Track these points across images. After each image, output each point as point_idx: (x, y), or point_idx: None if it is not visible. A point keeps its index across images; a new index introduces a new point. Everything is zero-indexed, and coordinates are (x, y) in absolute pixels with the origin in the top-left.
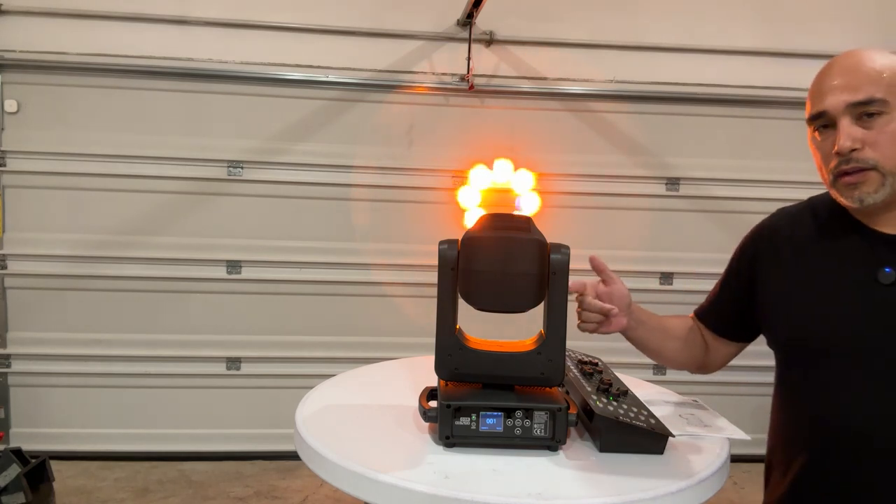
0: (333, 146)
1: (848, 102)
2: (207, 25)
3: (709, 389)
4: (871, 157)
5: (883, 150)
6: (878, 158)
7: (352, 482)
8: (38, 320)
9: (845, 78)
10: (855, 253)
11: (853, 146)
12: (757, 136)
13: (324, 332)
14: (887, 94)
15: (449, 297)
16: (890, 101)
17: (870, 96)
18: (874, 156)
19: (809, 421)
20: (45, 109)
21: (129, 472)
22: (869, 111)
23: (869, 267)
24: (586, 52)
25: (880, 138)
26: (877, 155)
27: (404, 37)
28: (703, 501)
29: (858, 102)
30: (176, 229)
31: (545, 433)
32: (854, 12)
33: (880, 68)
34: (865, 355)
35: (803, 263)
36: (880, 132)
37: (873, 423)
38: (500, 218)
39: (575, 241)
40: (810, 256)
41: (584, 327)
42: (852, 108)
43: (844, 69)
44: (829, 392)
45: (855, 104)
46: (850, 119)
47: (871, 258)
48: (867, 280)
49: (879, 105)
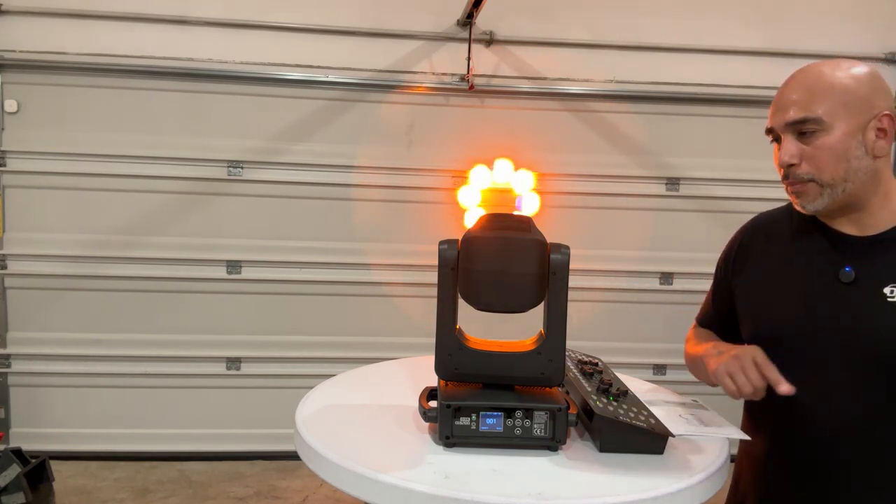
0: (333, 146)
1: (786, 121)
2: (207, 25)
3: (709, 389)
4: (806, 171)
5: (818, 164)
6: (814, 172)
7: (352, 482)
8: (38, 320)
9: (791, 96)
10: (820, 252)
11: (790, 162)
12: (757, 136)
13: (324, 332)
14: (823, 113)
15: (449, 297)
16: (825, 120)
17: (804, 116)
18: (809, 170)
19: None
20: (45, 109)
21: (129, 472)
22: (804, 129)
23: (831, 266)
24: (586, 52)
25: (816, 153)
26: (812, 169)
27: (404, 37)
28: (703, 501)
29: (795, 121)
30: (176, 229)
31: (545, 433)
32: (854, 12)
33: (822, 87)
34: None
35: (774, 261)
36: (816, 148)
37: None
38: (500, 218)
39: (575, 241)
40: (781, 255)
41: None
42: (791, 126)
43: (792, 87)
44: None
45: (792, 123)
46: (792, 135)
47: (834, 258)
48: (829, 278)
49: (814, 124)
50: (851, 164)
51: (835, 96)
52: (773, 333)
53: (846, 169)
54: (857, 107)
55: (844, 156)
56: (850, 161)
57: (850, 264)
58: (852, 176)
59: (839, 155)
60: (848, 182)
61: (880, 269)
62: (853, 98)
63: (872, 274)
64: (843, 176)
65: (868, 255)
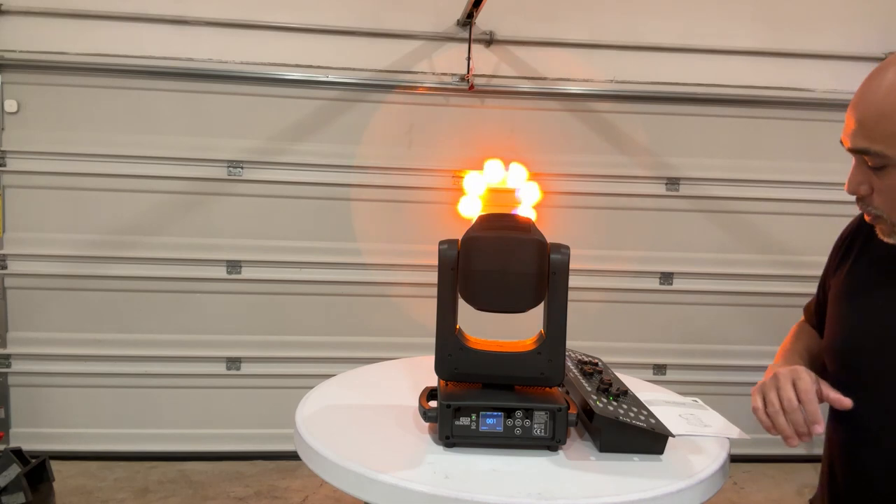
0: (333, 146)
1: (848, 148)
2: (207, 25)
3: (709, 389)
4: (877, 206)
5: (889, 203)
6: (883, 209)
7: (352, 482)
8: (38, 320)
9: (856, 114)
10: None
11: (856, 192)
12: (757, 136)
13: (324, 332)
14: (889, 147)
15: (449, 297)
16: (891, 155)
17: (866, 147)
18: (879, 204)
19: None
20: (45, 109)
21: (129, 472)
22: (870, 163)
23: None
24: (586, 52)
25: (886, 191)
26: (883, 205)
27: (404, 37)
28: (703, 501)
29: (855, 150)
30: (176, 229)
31: (545, 433)
32: (854, 12)
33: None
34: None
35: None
36: (882, 183)
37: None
38: (500, 218)
39: (575, 241)
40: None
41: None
42: (854, 153)
43: (861, 101)
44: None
45: (852, 150)
46: (861, 162)
47: None
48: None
49: (877, 159)
50: None
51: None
52: (839, 351)
53: None
54: None
55: None
56: None
57: None
58: None
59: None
60: None
61: None
62: None
63: None
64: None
65: None
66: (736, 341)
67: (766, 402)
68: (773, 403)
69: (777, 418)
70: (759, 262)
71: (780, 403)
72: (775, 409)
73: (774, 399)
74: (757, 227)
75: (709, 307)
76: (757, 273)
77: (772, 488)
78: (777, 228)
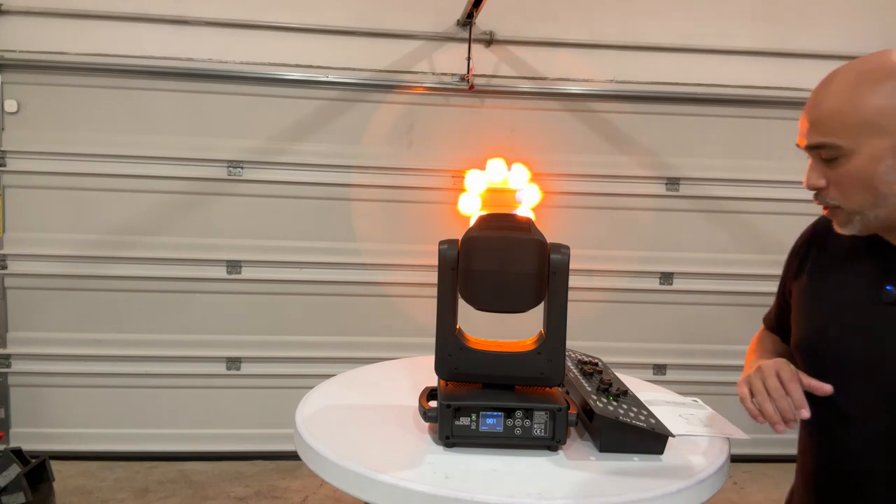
0: (333, 146)
1: (805, 145)
2: (207, 25)
3: (709, 389)
4: (833, 197)
5: (843, 192)
6: (840, 200)
7: (352, 482)
8: (38, 320)
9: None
10: (867, 267)
11: (815, 186)
12: (757, 136)
13: (324, 332)
14: (842, 138)
15: (449, 297)
16: (844, 146)
17: (821, 140)
18: (836, 196)
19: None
20: (45, 109)
21: (129, 472)
22: (824, 156)
23: (877, 283)
24: (586, 52)
25: (838, 181)
26: (838, 196)
27: (404, 37)
28: (703, 501)
29: (812, 146)
30: (176, 229)
31: (545, 433)
32: (854, 12)
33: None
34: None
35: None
36: (838, 175)
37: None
38: (500, 218)
39: (575, 241)
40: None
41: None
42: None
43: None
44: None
45: (809, 147)
46: (816, 158)
47: (881, 275)
48: (871, 296)
49: (832, 150)
50: (880, 189)
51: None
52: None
53: (875, 195)
54: (885, 125)
55: (871, 181)
56: (879, 187)
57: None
58: (883, 201)
59: (864, 182)
60: (879, 207)
61: None
62: (880, 114)
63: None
64: (871, 203)
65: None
66: (736, 341)
67: (754, 391)
68: (761, 392)
69: (765, 405)
70: (758, 262)
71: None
72: (763, 396)
73: (761, 387)
74: (757, 227)
75: (709, 307)
76: (757, 273)
77: (772, 488)
78: (777, 228)
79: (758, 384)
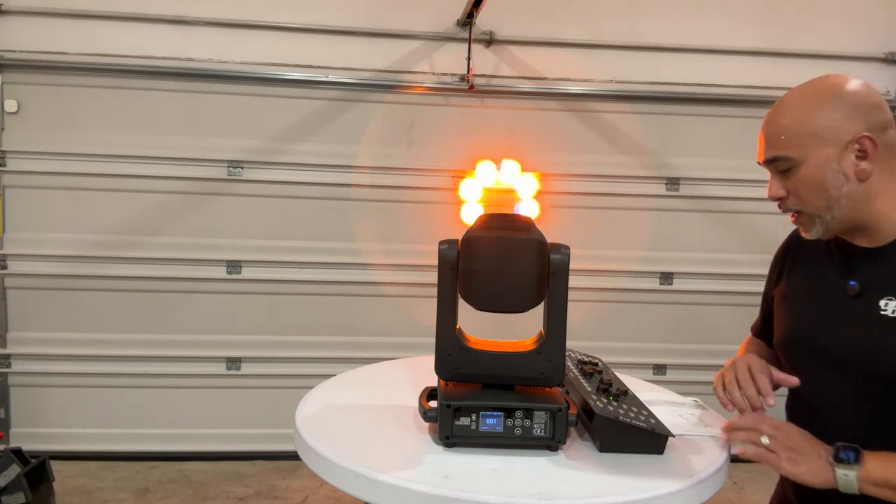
0: (333, 146)
1: (762, 161)
2: (207, 25)
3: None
4: (793, 203)
5: (801, 197)
6: (801, 205)
7: (352, 482)
8: (38, 320)
9: (764, 133)
10: (834, 266)
11: (776, 196)
12: (757, 137)
13: (324, 332)
14: (791, 150)
15: (449, 297)
16: (793, 157)
17: (773, 154)
18: (796, 203)
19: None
20: (45, 109)
21: (129, 472)
22: (779, 168)
23: (842, 279)
24: (586, 52)
25: (794, 188)
26: (798, 202)
27: (404, 37)
28: (703, 501)
29: (768, 160)
30: (176, 229)
31: (545, 433)
32: (854, 12)
33: (789, 123)
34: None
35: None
36: (794, 183)
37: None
38: (500, 218)
39: (575, 241)
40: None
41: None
42: (768, 165)
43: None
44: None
45: (766, 161)
46: (773, 171)
47: (844, 271)
48: (839, 292)
49: (785, 162)
50: (830, 192)
51: (801, 129)
52: (786, 342)
53: (827, 198)
54: (826, 136)
55: (822, 186)
56: (829, 190)
57: (856, 277)
58: (836, 203)
59: (816, 187)
60: (833, 209)
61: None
62: (821, 128)
63: (874, 286)
64: (825, 205)
65: (873, 267)
66: (736, 341)
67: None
68: (731, 382)
69: (733, 393)
70: (758, 262)
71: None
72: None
73: (731, 378)
74: (757, 227)
75: (709, 307)
76: (757, 273)
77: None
78: (777, 228)
79: (729, 375)
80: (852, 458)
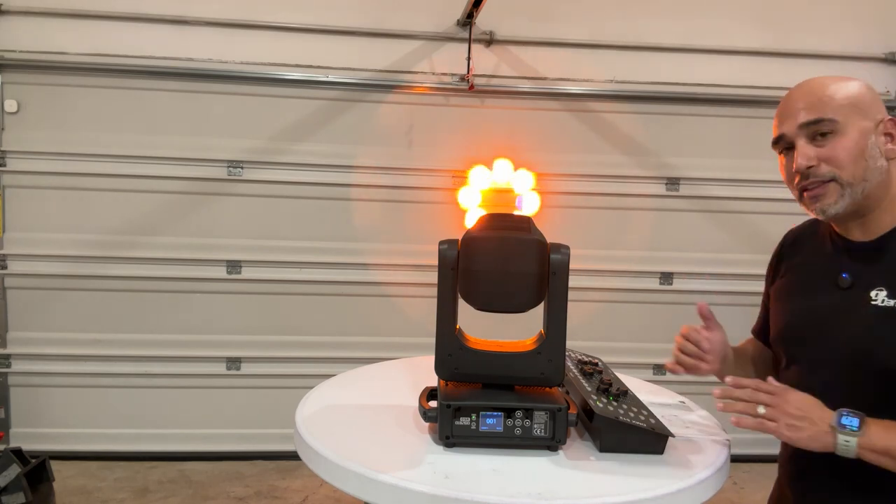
0: (333, 146)
1: (800, 123)
2: (207, 25)
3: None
4: (827, 171)
5: (838, 163)
6: (836, 171)
7: (352, 482)
8: (38, 320)
9: (798, 103)
10: (827, 260)
11: (808, 164)
12: (757, 136)
13: (324, 332)
14: (836, 114)
15: (449, 297)
16: (839, 120)
17: (819, 116)
18: (830, 170)
19: None
20: (45, 109)
21: (129, 472)
22: (821, 130)
23: (834, 272)
24: (586, 52)
25: (833, 154)
26: (833, 169)
27: (404, 37)
28: (703, 501)
29: (809, 122)
30: (176, 229)
31: (545, 433)
32: (854, 12)
33: (831, 92)
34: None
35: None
36: (832, 149)
37: None
38: (500, 218)
39: (575, 241)
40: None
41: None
42: (805, 129)
43: (797, 96)
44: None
45: (806, 124)
46: (805, 139)
47: (836, 264)
48: (830, 284)
49: (829, 124)
50: (869, 163)
51: (845, 99)
52: (781, 336)
53: (865, 168)
54: (865, 109)
55: (862, 155)
56: (868, 160)
57: (847, 270)
58: (870, 175)
59: (858, 154)
60: (867, 181)
61: (872, 272)
62: (861, 101)
63: (864, 278)
64: (862, 175)
65: (864, 259)
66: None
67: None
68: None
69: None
70: (759, 262)
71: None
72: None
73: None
74: (757, 227)
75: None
76: (757, 273)
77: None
78: (777, 228)
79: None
80: (856, 425)
